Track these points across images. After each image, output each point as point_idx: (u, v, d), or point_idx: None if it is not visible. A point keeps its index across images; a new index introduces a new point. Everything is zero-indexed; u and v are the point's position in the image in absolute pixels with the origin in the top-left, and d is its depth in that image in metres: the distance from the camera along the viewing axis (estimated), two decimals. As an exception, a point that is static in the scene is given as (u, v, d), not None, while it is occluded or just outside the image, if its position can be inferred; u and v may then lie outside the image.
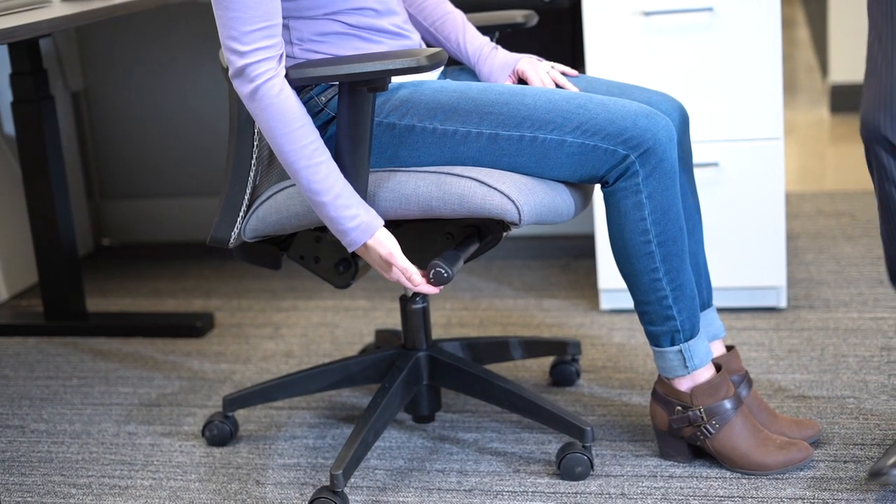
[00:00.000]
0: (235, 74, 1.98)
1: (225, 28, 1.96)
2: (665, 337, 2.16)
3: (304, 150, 1.98)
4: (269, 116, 1.97)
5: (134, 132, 3.95)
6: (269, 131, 1.99)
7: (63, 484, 2.37)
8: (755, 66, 2.81)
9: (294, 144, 1.98)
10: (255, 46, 1.96)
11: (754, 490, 2.13)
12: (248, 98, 1.98)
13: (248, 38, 1.95)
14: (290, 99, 1.98)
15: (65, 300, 3.23)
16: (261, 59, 1.96)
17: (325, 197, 2.00)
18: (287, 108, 1.97)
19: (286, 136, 1.98)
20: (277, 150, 2.00)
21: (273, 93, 1.97)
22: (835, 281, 3.15)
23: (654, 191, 2.08)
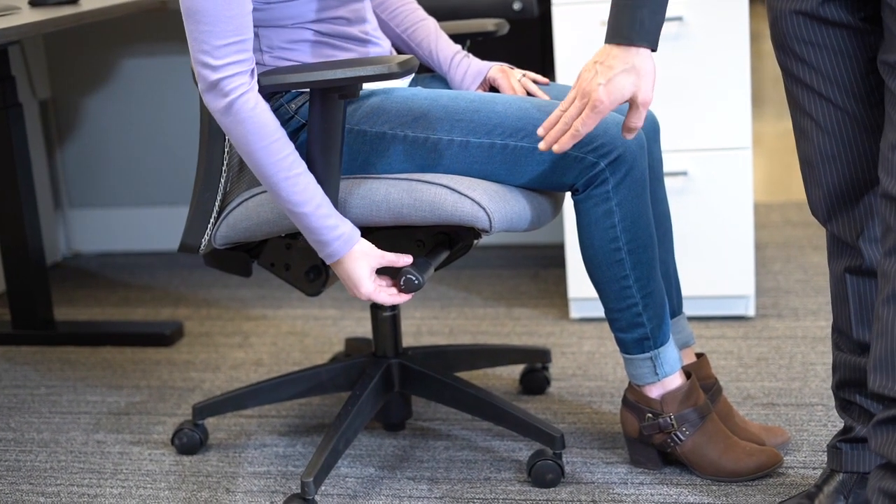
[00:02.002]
0: (208, 89, 1.97)
1: (196, 42, 1.95)
2: (635, 344, 2.16)
3: (282, 162, 1.98)
4: (246, 131, 1.97)
5: (102, 141, 3.94)
6: (245, 145, 1.98)
7: (31, 493, 2.35)
8: (724, 76, 2.83)
9: (272, 157, 1.98)
10: (228, 61, 1.95)
11: (724, 496, 2.14)
12: (221, 113, 1.97)
13: (220, 53, 1.95)
14: (265, 112, 1.97)
15: (32, 309, 3.21)
16: (234, 73, 1.96)
17: (306, 208, 1.99)
18: (263, 121, 1.97)
19: (264, 149, 1.97)
20: (254, 163, 1.99)
21: (248, 107, 1.96)
22: (802, 290, 3.17)
23: (625, 199, 2.08)
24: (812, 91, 1.82)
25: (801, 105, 1.85)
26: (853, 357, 1.93)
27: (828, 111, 1.82)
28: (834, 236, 1.90)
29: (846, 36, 1.78)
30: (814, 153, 1.86)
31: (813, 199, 1.90)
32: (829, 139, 1.83)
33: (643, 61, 1.85)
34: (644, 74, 1.85)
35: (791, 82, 1.85)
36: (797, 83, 1.84)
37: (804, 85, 1.83)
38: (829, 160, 1.85)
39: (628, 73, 1.85)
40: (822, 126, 1.83)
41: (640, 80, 1.85)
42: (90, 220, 4.01)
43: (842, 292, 1.92)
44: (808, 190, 1.90)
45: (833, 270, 1.92)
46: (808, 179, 1.89)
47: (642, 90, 1.86)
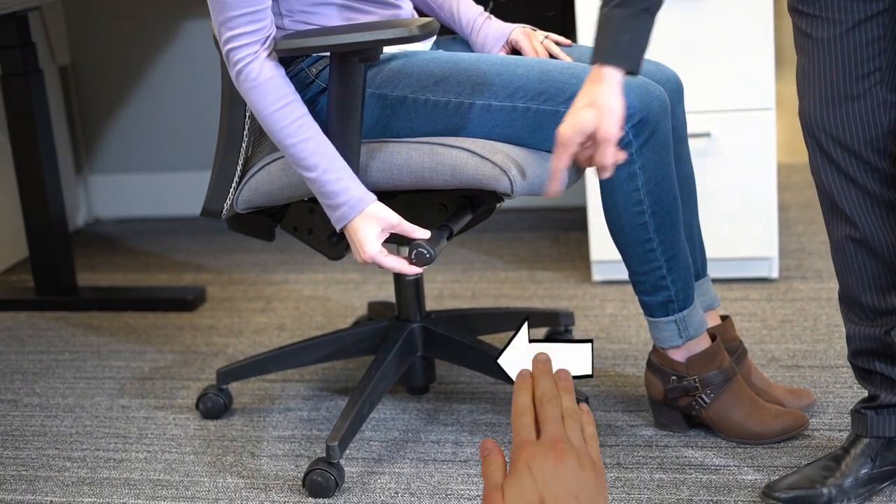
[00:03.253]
0: (224, 58, 2.03)
1: (213, 12, 2.00)
2: (659, 307, 2.16)
3: (290, 126, 1.99)
4: (255, 97, 2.00)
5: (122, 106, 3.93)
6: (256, 112, 2.02)
7: (58, 457, 2.36)
8: (747, 36, 2.81)
9: (282, 122, 1.99)
10: (238, 31, 1.98)
11: (749, 459, 2.13)
12: (234, 80, 2.02)
13: (231, 23, 1.98)
14: (274, 79, 2.00)
15: (55, 275, 3.21)
16: (242, 43, 1.99)
17: (313, 173, 2.00)
18: (271, 87, 1.99)
19: (273, 114, 2.00)
20: (266, 128, 2.02)
21: (253, 76, 1.99)
22: (826, 251, 3.16)
23: (648, 161, 2.07)
24: (812, 39, 1.85)
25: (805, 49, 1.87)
26: (866, 326, 1.93)
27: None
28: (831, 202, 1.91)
29: None
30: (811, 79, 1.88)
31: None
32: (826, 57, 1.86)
33: (607, 97, 1.82)
34: (606, 111, 1.82)
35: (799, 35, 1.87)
36: (804, 36, 1.86)
37: (808, 35, 1.85)
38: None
39: (588, 109, 1.82)
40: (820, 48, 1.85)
41: (602, 116, 1.82)
42: (112, 186, 4.02)
43: (844, 260, 1.91)
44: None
45: (833, 239, 1.92)
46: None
47: (602, 126, 1.82)
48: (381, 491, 2.14)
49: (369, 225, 2.01)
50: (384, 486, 2.16)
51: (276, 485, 2.19)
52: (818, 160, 1.89)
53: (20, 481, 2.28)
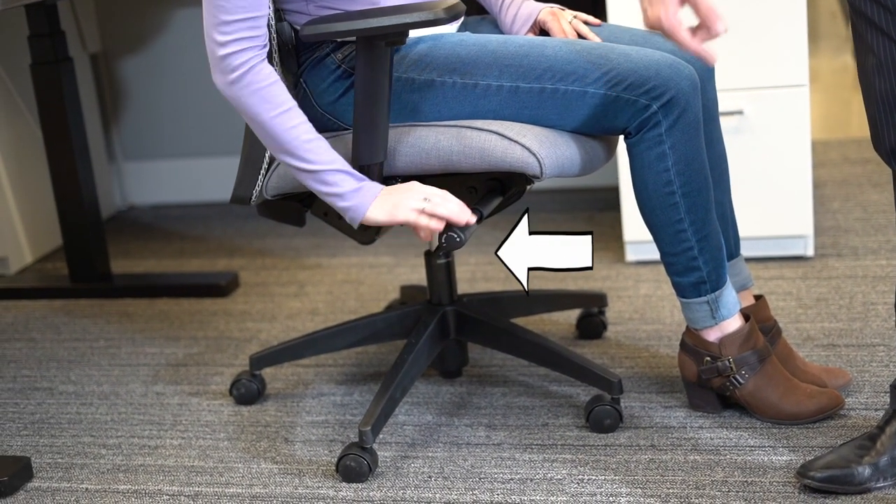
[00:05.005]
0: (214, 64, 1.98)
1: (209, 14, 1.96)
2: (692, 288, 2.14)
3: (297, 128, 1.98)
4: (255, 102, 1.98)
5: (154, 93, 3.94)
6: (254, 116, 1.98)
7: (93, 444, 2.38)
8: (779, 11, 2.78)
9: (286, 125, 1.98)
10: (238, 36, 1.96)
11: (785, 439, 2.12)
12: (227, 84, 1.98)
13: (230, 28, 1.96)
14: (277, 84, 1.99)
15: (89, 262, 3.23)
16: (243, 48, 1.96)
17: (322, 165, 2.00)
18: (274, 92, 1.98)
19: (275, 118, 1.98)
20: (266, 132, 1.99)
21: (256, 81, 1.97)
22: (862, 228, 3.13)
23: (678, 141, 2.05)
24: (877, 28, 1.78)
25: (866, 42, 1.80)
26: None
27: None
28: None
29: None
30: (878, 90, 1.81)
31: (876, 135, 1.86)
32: (892, 78, 1.79)
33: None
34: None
35: (857, 19, 1.80)
36: (863, 19, 1.79)
37: (870, 22, 1.78)
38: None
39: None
40: (885, 64, 1.78)
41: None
42: (144, 173, 4.03)
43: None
44: (872, 125, 1.86)
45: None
46: (873, 115, 1.85)
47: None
48: (415, 475, 2.14)
49: (396, 193, 2.01)
50: (417, 470, 2.15)
51: (310, 470, 2.19)
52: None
53: (56, 469, 2.29)
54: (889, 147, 1.83)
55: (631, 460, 2.11)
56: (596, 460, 2.13)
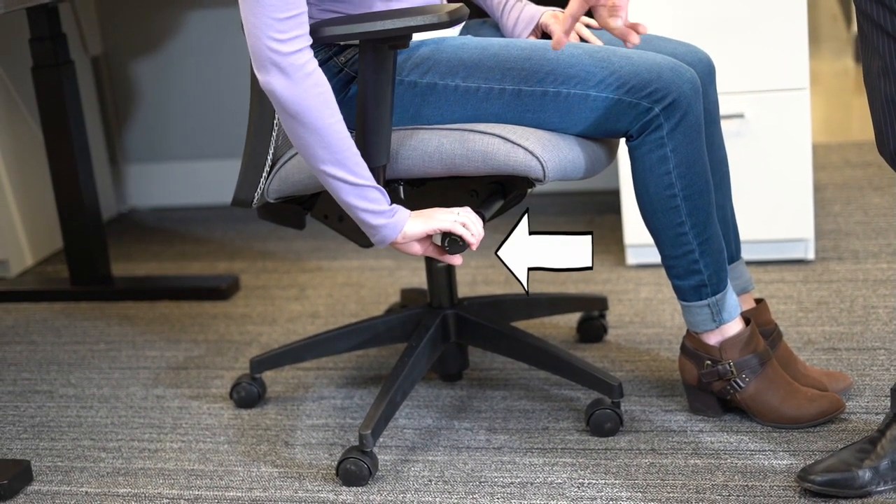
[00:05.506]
0: (272, 64, 1.90)
1: (257, 19, 1.88)
2: (692, 291, 2.14)
3: (349, 139, 1.96)
4: (321, 103, 1.92)
5: (155, 96, 3.94)
6: (315, 118, 1.92)
7: (93, 448, 2.38)
8: (780, 14, 2.78)
9: (343, 133, 1.95)
10: (300, 32, 1.90)
11: (785, 443, 2.12)
12: (294, 85, 1.91)
13: (290, 24, 1.89)
14: (330, 89, 1.95)
15: (90, 265, 3.23)
16: (306, 45, 1.91)
17: (371, 182, 1.98)
18: (332, 97, 1.94)
19: (335, 124, 1.94)
20: (323, 139, 1.93)
21: (322, 81, 1.92)
22: (863, 231, 3.13)
23: (679, 144, 2.05)
24: (882, 30, 1.77)
25: (872, 44, 1.80)
26: None
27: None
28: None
29: None
30: (883, 92, 1.81)
31: (879, 138, 1.85)
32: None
33: None
34: None
35: (863, 20, 1.80)
36: (868, 21, 1.79)
37: (875, 23, 1.78)
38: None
39: None
40: (890, 66, 1.78)
41: None
42: (145, 175, 4.03)
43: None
44: (876, 127, 1.85)
45: None
46: (877, 117, 1.84)
47: None
48: (415, 479, 2.14)
49: (425, 211, 2.02)
50: (418, 474, 2.15)
51: (310, 473, 2.19)
52: None
53: (56, 472, 2.29)
54: (893, 150, 1.83)
55: (631, 464, 2.11)
56: (596, 464, 2.13)
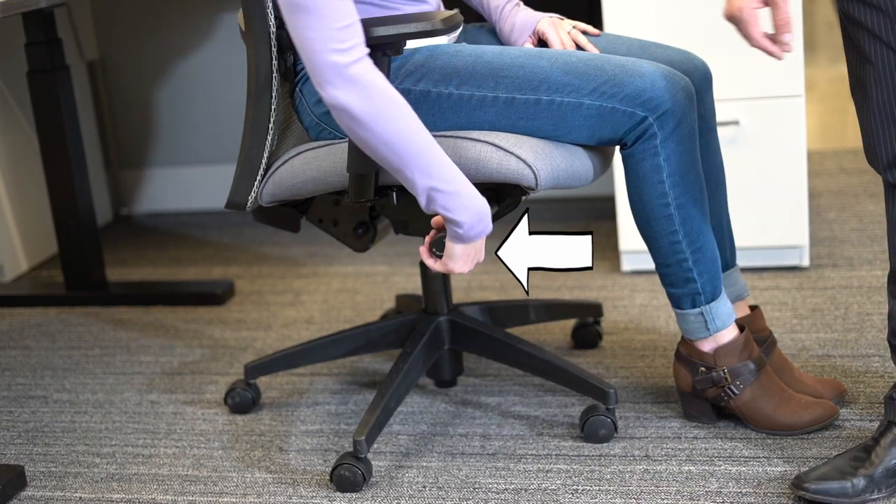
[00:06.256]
0: (334, 77, 1.86)
1: (322, 21, 1.83)
2: (686, 299, 2.14)
3: (423, 128, 1.92)
4: (391, 108, 1.88)
5: (150, 101, 3.94)
6: (395, 122, 1.88)
7: (87, 453, 2.37)
8: (775, 22, 2.78)
9: (420, 124, 1.91)
10: (356, 42, 1.86)
11: (779, 450, 2.12)
12: (364, 97, 1.86)
13: (349, 32, 1.85)
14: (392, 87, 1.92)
15: (85, 270, 3.23)
16: (364, 54, 1.87)
17: (451, 171, 1.94)
18: (399, 94, 1.91)
19: (415, 121, 1.90)
20: (405, 139, 1.89)
21: (387, 83, 1.89)
22: (858, 239, 3.13)
23: (673, 153, 2.05)
24: (874, 36, 1.78)
25: (862, 51, 1.80)
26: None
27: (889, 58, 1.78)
28: (891, 184, 1.87)
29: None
30: (874, 100, 1.81)
31: (870, 148, 1.85)
32: (889, 87, 1.79)
33: None
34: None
35: (852, 27, 1.81)
36: (859, 28, 1.79)
37: (866, 30, 1.78)
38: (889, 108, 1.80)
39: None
40: (882, 73, 1.78)
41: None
42: (140, 181, 4.03)
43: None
44: (866, 137, 1.85)
45: (892, 216, 1.88)
46: (868, 127, 1.84)
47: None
48: (409, 485, 2.13)
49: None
50: (412, 480, 2.15)
51: (304, 479, 2.19)
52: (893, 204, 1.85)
53: (49, 477, 2.29)
54: (887, 160, 1.83)
55: (625, 471, 2.11)
56: (590, 471, 2.13)
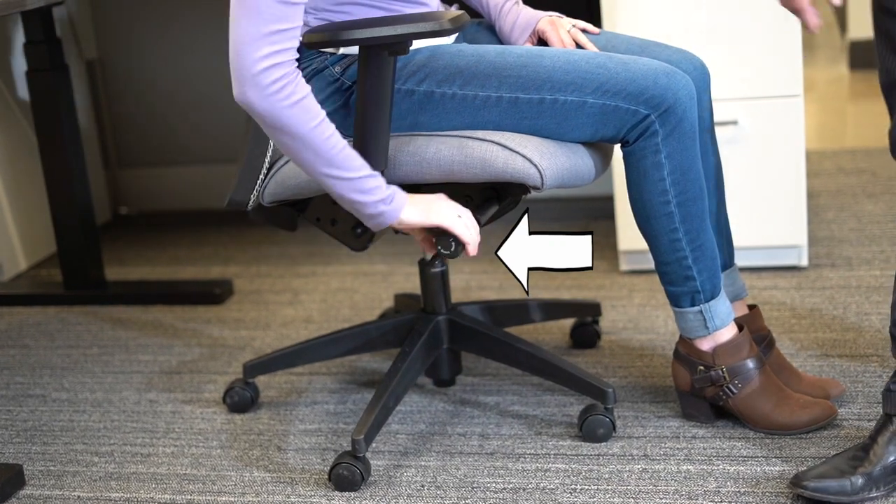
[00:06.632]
0: (246, 79, 1.87)
1: (246, 24, 1.84)
2: (685, 297, 2.14)
3: (333, 137, 1.93)
4: (296, 114, 1.88)
5: (149, 100, 3.94)
6: (293, 128, 1.90)
7: (85, 452, 2.37)
8: (774, 21, 2.78)
9: (324, 134, 1.91)
10: (279, 48, 1.86)
11: (777, 450, 2.12)
12: (263, 98, 1.87)
13: (273, 39, 1.85)
14: (311, 96, 1.91)
15: (83, 269, 3.22)
16: (284, 59, 1.87)
17: (357, 172, 1.95)
18: (310, 104, 1.90)
19: (314, 129, 1.90)
20: (306, 144, 1.91)
21: (297, 94, 1.89)
22: (856, 238, 3.13)
23: (674, 150, 2.06)
24: None
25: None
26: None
27: None
28: None
29: None
30: None
31: None
32: None
33: None
34: None
35: (890, 20, 1.81)
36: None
37: None
38: None
39: None
40: None
41: None
42: (139, 180, 4.03)
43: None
44: None
45: None
46: None
47: None
48: (407, 484, 2.13)
49: (426, 199, 2.02)
50: (410, 479, 2.15)
51: (303, 478, 2.19)
52: None
53: (48, 476, 2.28)
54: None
55: (624, 470, 2.11)
56: (589, 470, 2.13)
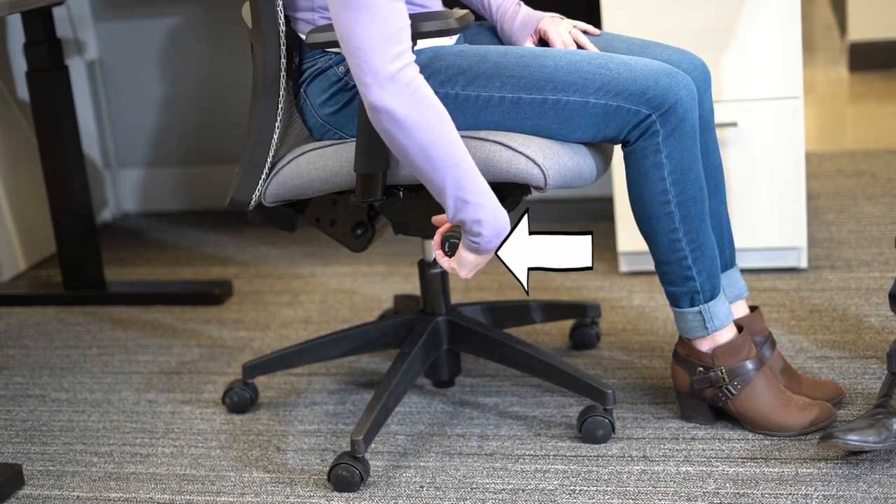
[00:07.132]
0: (381, 82, 1.87)
1: (376, 26, 1.85)
2: (685, 298, 2.14)
3: (457, 140, 1.94)
4: (432, 116, 1.89)
5: (149, 100, 3.94)
6: (428, 131, 1.89)
7: (84, 452, 2.37)
8: (774, 23, 2.78)
9: (454, 134, 1.93)
10: (406, 46, 1.88)
11: (777, 451, 2.12)
12: (406, 101, 1.88)
13: (400, 37, 1.87)
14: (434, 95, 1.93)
15: (83, 269, 3.22)
16: (412, 60, 1.89)
17: (487, 186, 1.97)
18: (440, 105, 1.92)
19: (450, 131, 1.92)
20: (445, 146, 1.91)
21: (431, 95, 1.90)
22: (856, 240, 3.13)
23: (675, 150, 2.06)
24: None
25: None
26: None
27: None
28: None
29: None
30: None
31: None
32: None
33: None
34: None
35: None
36: None
37: None
38: None
39: None
40: None
41: None
42: (139, 180, 4.03)
43: None
44: None
45: None
46: None
47: None
48: (407, 485, 2.13)
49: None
50: (409, 480, 2.15)
51: (302, 479, 2.19)
52: None
53: (47, 476, 2.28)
54: None
55: (623, 471, 2.11)
56: (588, 471, 2.13)
